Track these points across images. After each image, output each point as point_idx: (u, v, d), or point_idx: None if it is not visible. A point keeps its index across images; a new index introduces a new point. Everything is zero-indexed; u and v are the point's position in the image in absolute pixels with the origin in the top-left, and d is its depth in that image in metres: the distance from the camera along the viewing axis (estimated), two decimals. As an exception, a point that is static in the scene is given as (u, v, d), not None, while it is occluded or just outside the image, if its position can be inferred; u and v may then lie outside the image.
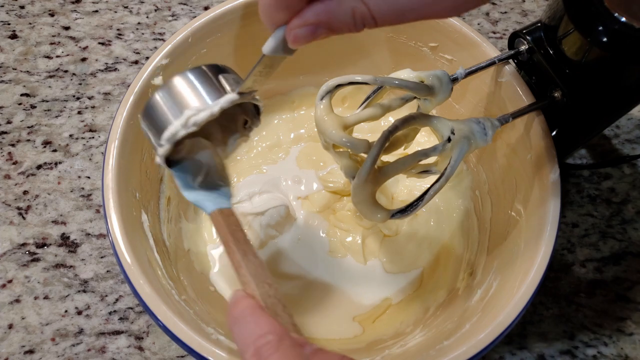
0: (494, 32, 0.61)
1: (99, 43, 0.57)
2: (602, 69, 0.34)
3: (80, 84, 0.55)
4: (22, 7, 0.60)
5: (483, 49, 0.41)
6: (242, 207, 0.45)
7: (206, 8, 0.61)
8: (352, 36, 0.48)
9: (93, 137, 0.51)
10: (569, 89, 0.36)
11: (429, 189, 0.33)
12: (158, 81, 0.39)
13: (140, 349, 0.42)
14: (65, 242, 0.46)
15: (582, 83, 0.35)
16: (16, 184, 0.49)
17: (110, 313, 0.43)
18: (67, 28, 0.58)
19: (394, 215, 0.33)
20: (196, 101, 0.30)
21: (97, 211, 0.48)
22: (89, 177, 0.49)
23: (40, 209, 0.47)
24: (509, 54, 0.40)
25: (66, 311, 0.43)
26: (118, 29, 0.59)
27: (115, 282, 0.44)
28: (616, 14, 0.31)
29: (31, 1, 0.60)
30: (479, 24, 0.61)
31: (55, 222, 0.47)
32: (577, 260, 0.47)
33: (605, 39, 0.32)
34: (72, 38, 0.58)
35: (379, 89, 0.38)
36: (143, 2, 0.61)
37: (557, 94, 0.37)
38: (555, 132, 0.39)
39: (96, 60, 0.56)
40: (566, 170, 0.51)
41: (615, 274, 0.46)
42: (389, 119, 0.47)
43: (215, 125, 0.34)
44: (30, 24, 0.58)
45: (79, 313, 0.43)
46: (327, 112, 0.36)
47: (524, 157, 0.39)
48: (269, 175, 0.49)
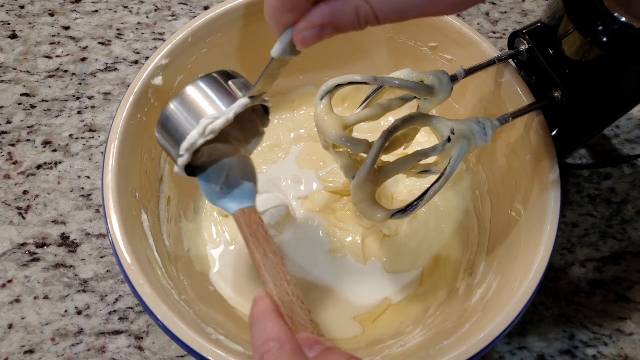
0: (494, 32, 0.61)
1: (99, 43, 0.57)
2: (602, 69, 0.34)
3: (80, 84, 0.55)
4: (22, 7, 0.60)
5: (483, 49, 0.41)
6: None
7: (206, 8, 0.61)
8: (353, 36, 0.48)
9: (93, 137, 0.51)
10: (569, 89, 0.36)
11: (429, 189, 0.33)
12: (158, 81, 0.39)
13: (140, 349, 0.42)
14: (65, 242, 0.46)
15: (582, 83, 0.35)
16: (16, 184, 0.49)
17: (110, 313, 0.43)
18: (67, 28, 0.58)
19: (394, 215, 0.33)
20: (211, 109, 0.31)
21: (97, 211, 0.48)
22: (89, 177, 0.49)
23: (40, 209, 0.47)
24: (509, 54, 0.40)
25: (66, 311, 0.43)
26: (118, 29, 0.59)
27: (115, 282, 0.44)
28: (616, 14, 0.31)
29: (31, 1, 0.60)
30: (479, 24, 0.61)
31: (55, 222, 0.47)
32: (577, 260, 0.47)
33: (605, 39, 0.32)
34: (72, 38, 0.58)
35: (379, 89, 0.38)
36: (143, 2, 0.61)
37: (557, 94, 0.37)
38: (555, 132, 0.39)
39: (96, 60, 0.56)
40: (566, 170, 0.51)
41: (615, 274, 0.46)
42: (389, 119, 0.47)
43: (232, 127, 0.34)
44: (30, 24, 0.58)
45: (79, 313, 0.43)
46: (327, 112, 0.36)
47: (524, 157, 0.39)
48: (269, 175, 0.49)
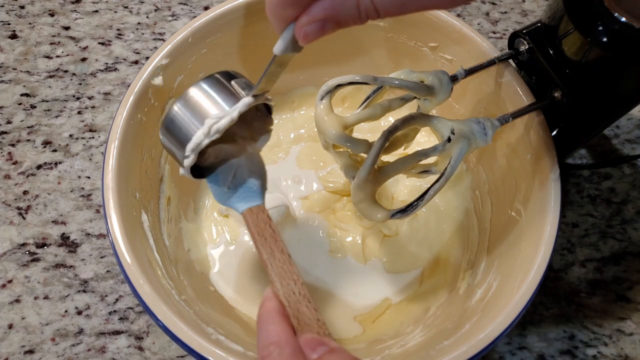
0: (494, 32, 0.61)
1: (99, 43, 0.57)
2: (602, 69, 0.34)
3: (80, 84, 0.55)
4: (22, 7, 0.60)
5: (483, 49, 0.41)
6: (242, 207, 0.45)
7: (206, 8, 0.61)
8: (353, 36, 0.48)
9: (93, 137, 0.51)
10: (569, 89, 0.36)
11: (429, 189, 0.33)
12: (158, 81, 0.39)
13: (140, 349, 0.42)
14: (65, 242, 0.46)
15: (582, 83, 0.35)
16: (16, 184, 0.49)
17: (110, 313, 0.43)
18: (67, 28, 0.58)
19: (394, 215, 0.33)
20: (215, 109, 0.31)
21: (97, 211, 0.48)
22: (89, 177, 0.49)
23: (40, 209, 0.47)
24: (509, 54, 0.40)
25: (66, 311, 0.43)
26: (118, 29, 0.59)
27: (115, 282, 0.44)
28: (616, 14, 0.31)
29: (31, 1, 0.60)
30: (479, 24, 0.61)
31: (55, 222, 0.47)
32: (577, 260, 0.47)
33: (605, 39, 0.32)
34: (72, 38, 0.58)
35: (379, 89, 0.38)
36: (143, 2, 0.61)
37: (557, 94, 0.37)
38: (555, 132, 0.39)
39: (96, 60, 0.56)
40: (566, 170, 0.51)
41: (615, 274, 0.46)
42: (389, 119, 0.47)
43: (237, 126, 0.34)
44: (30, 24, 0.58)
45: (79, 313, 0.43)
46: (327, 112, 0.36)
47: (524, 157, 0.39)
48: (269, 175, 0.48)
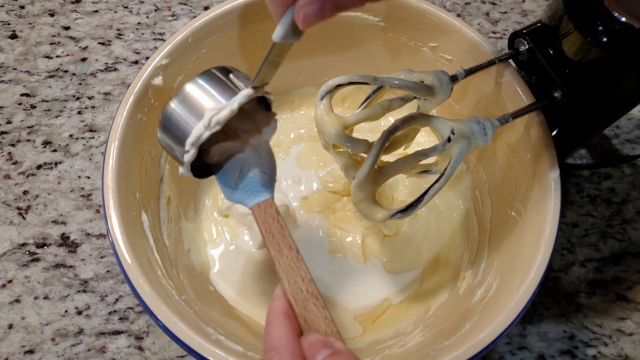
0: (494, 32, 0.61)
1: (99, 43, 0.57)
2: (602, 69, 0.34)
3: (80, 84, 0.55)
4: (22, 7, 0.60)
5: (483, 49, 0.41)
6: (242, 207, 0.45)
7: (206, 8, 0.61)
8: (353, 36, 0.48)
9: (93, 137, 0.51)
10: (569, 89, 0.36)
11: (429, 189, 0.33)
12: (158, 81, 0.39)
13: (140, 349, 0.42)
14: (65, 242, 0.46)
15: (582, 83, 0.35)
16: (16, 184, 0.49)
17: (110, 313, 0.43)
18: (67, 28, 0.58)
19: (394, 215, 0.33)
20: (213, 103, 0.30)
21: (97, 211, 0.48)
22: (89, 177, 0.49)
23: (40, 209, 0.47)
24: (509, 54, 0.40)
25: (66, 311, 0.43)
26: (118, 29, 0.59)
27: (115, 282, 0.44)
28: (616, 14, 0.31)
29: (31, 1, 0.60)
30: (479, 24, 0.61)
31: (55, 222, 0.47)
32: (577, 260, 0.47)
33: (605, 39, 0.32)
34: (72, 38, 0.58)
35: (379, 89, 0.38)
36: (143, 2, 0.61)
37: (557, 94, 0.37)
38: (555, 132, 0.39)
39: (96, 60, 0.56)
40: (566, 170, 0.51)
41: (615, 274, 0.46)
42: (389, 119, 0.47)
43: (239, 120, 0.33)
44: (30, 24, 0.58)
45: (79, 313, 0.43)
46: (327, 112, 0.36)
47: (524, 157, 0.39)
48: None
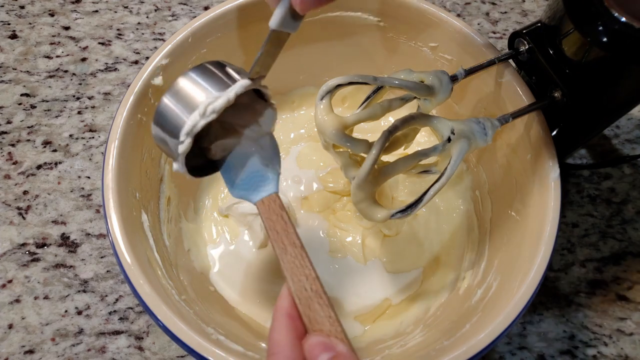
0: (494, 32, 0.61)
1: (99, 43, 0.57)
2: (602, 69, 0.34)
3: (80, 84, 0.55)
4: (22, 7, 0.60)
5: (483, 48, 0.41)
6: (242, 207, 0.45)
7: (206, 8, 0.61)
8: (353, 36, 0.48)
9: (93, 137, 0.51)
10: (569, 89, 0.36)
11: (429, 189, 0.33)
12: (158, 81, 0.39)
13: (140, 349, 0.42)
14: (65, 242, 0.46)
15: (582, 83, 0.35)
16: (16, 184, 0.49)
17: (110, 313, 0.43)
18: (67, 28, 0.58)
19: (394, 215, 0.33)
20: (207, 94, 0.30)
21: (97, 211, 0.48)
22: (89, 177, 0.49)
23: (40, 209, 0.47)
24: (509, 54, 0.40)
25: (66, 311, 0.43)
26: (118, 29, 0.59)
27: (115, 282, 0.44)
28: (616, 14, 0.31)
29: (31, 1, 0.60)
30: (479, 24, 0.61)
31: (55, 222, 0.47)
32: (577, 260, 0.47)
33: (605, 39, 0.32)
34: (72, 38, 0.58)
35: (379, 89, 0.38)
36: (143, 2, 0.61)
37: (557, 94, 0.37)
38: (555, 132, 0.39)
39: (96, 60, 0.56)
40: (566, 170, 0.51)
41: (615, 274, 0.46)
42: (389, 119, 0.47)
43: (235, 114, 0.33)
44: (30, 24, 0.58)
45: (79, 313, 0.43)
46: (327, 112, 0.36)
47: (524, 157, 0.39)
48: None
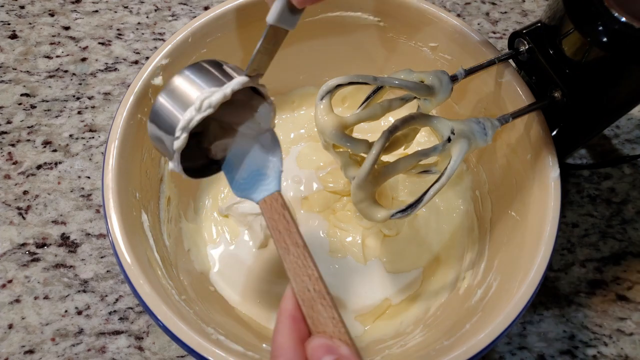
0: (494, 32, 0.61)
1: (99, 43, 0.57)
2: (602, 69, 0.34)
3: (80, 84, 0.55)
4: (22, 7, 0.60)
5: (483, 49, 0.41)
6: (242, 207, 0.45)
7: (206, 8, 0.61)
8: (353, 36, 0.48)
9: (93, 137, 0.51)
10: (569, 89, 0.36)
11: (429, 189, 0.33)
12: (158, 81, 0.39)
13: (140, 349, 0.42)
14: (65, 242, 0.46)
15: (582, 83, 0.35)
16: (16, 184, 0.49)
17: (110, 313, 0.43)
18: (67, 28, 0.58)
19: (394, 215, 0.33)
20: (201, 92, 0.29)
21: (97, 211, 0.48)
22: (89, 177, 0.49)
23: (40, 209, 0.47)
24: (509, 54, 0.40)
25: (66, 311, 0.43)
26: (118, 29, 0.59)
27: (115, 282, 0.44)
28: (616, 14, 0.31)
29: (31, 1, 0.60)
30: (479, 24, 0.61)
31: (55, 222, 0.47)
32: (577, 260, 0.47)
33: (605, 39, 0.32)
34: (72, 38, 0.58)
35: (379, 89, 0.38)
36: (143, 2, 0.61)
37: (557, 94, 0.37)
38: (555, 132, 0.39)
39: (96, 60, 0.56)
40: (566, 170, 0.51)
41: (615, 274, 0.46)
42: (389, 119, 0.47)
43: (233, 113, 0.33)
44: (30, 24, 0.58)
45: (79, 313, 0.43)
46: (327, 112, 0.36)
47: (524, 157, 0.39)
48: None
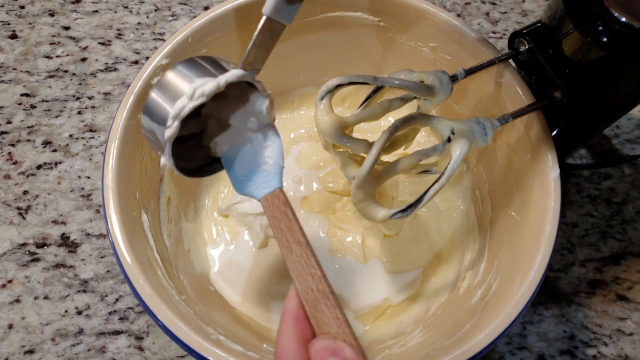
0: (494, 32, 0.61)
1: (99, 43, 0.57)
2: (602, 69, 0.34)
3: (80, 84, 0.55)
4: (22, 7, 0.60)
5: (483, 49, 0.41)
6: (242, 207, 0.45)
7: (206, 8, 0.61)
8: (353, 36, 0.48)
9: (93, 137, 0.51)
10: (569, 89, 0.36)
11: (429, 188, 0.33)
12: (158, 81, 0.39)
13: (140, 349, 0.42)
14: (65, 242, 0.46)
15: (582, 83, 0.35)
16: (16, 184, 0.49)
17: (110, 313, 0.43)
18: (67, 28, 0.58)
19: (394, 215, 0.33)
20: (192, 83, 0.29)
21: (97, 211, 0.48)
22: (89, 177, 0.49)
23: (40, 209, 0.47)
24: (509, 54, 0.40)
25: (66, 311, 0.43)
26: (118, 29, 0.59)
27: (115, 282, 0.44)
28: (616, 14, 0.31)
29: (31, 1, 0.60)
30: (479, 24, 0.61)
31: (55, 222, 0.47)
32: (577, 260, 0.47)
33: (605, 39, 0.32)
34: (72, 38, 0.58)
35: (379, 89, 0.38)
36: (143, 2, 0.61)
37: (557, 94, 0.37)
38: (555, 132, 0.39)
39: (96, 60, 0.56)
40: (566, 170, 0.51)
41: (615, 274, 0.46)
42: (389, 119, 0.47)
43: (229, 109, 0.32)
44: (30, 24, 0.58)
45: (79, 313, 0.43)
46: (327, 112, 0.36)
47: (524, 157, 0.39)
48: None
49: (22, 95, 0.54)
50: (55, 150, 0.51)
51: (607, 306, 0.45)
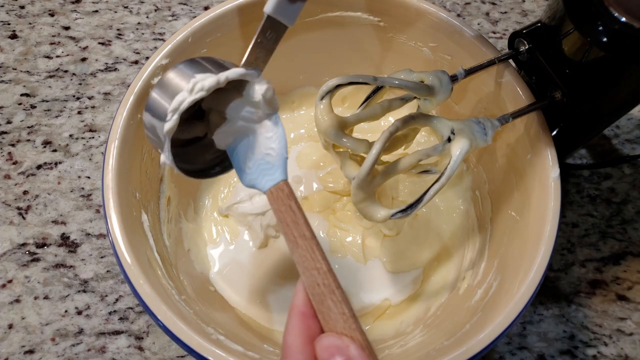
0: (494, 32, 0.61)
1: (99, 43, 0.57)
2: (602, 69, 0.34)
3: (80, 84, 0.55)
4: (22, 7, 0.60)
5: (483, 49, 0.41)
6: (242, 207, 0.45)
7: (206, 8, 0.61)
8: (353, 36, 0.48)
9: (93, 137, 0.51)
10: (569, 89, 0.36)
11: (429, 188, 0.33)
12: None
13: (140, 349, 0.42)
14: (65, 242, 0.46)
15: (582, 83, 0.35)
16: (16, 184, 0.49)
17: (110, 313, 0.43)
18: (67, 28, 0.58)
19: (394, 215, 0.33)
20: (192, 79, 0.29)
21: (97, 211, 0.48)
22: (89, 177, 0.49)
23: (40, 209, 0.47)
24: (509, 54, 0.40)
25: (66, 311, 0.43)
26: (118, 29, 0.59)
27: (115, 282, 0.44)
28: (616, 14, 0.31)
29: (31, 1, 0.60)
30: (479, 24, 0.61)
31: (55, 222, 0.47)
32: (577, 260, 0.47)
33: (605, 39, 0.32)
34: (72, 38, 0.58)
35: (379, 89, 0.38)
36: (143, 2, 0.61)
37: (557, 94, 0.37)
38: (555, 132, 0.39)
39: (96, 60, 0.56)
40: (566, 170, 0.51)
41: (615, 274, 0.46)
42: (389, 119, 0.47)
43: (222, 101, 0.32)
44: (30, 24, 0.58)
45: (79, 313, 0.43)
46: (327, 112, 0.36)
47: (524, 157, 0.39)
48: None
49: (22, 95, 0.54)
50: (55, 150, 0.51)
51: (607, 306, 0.45)
